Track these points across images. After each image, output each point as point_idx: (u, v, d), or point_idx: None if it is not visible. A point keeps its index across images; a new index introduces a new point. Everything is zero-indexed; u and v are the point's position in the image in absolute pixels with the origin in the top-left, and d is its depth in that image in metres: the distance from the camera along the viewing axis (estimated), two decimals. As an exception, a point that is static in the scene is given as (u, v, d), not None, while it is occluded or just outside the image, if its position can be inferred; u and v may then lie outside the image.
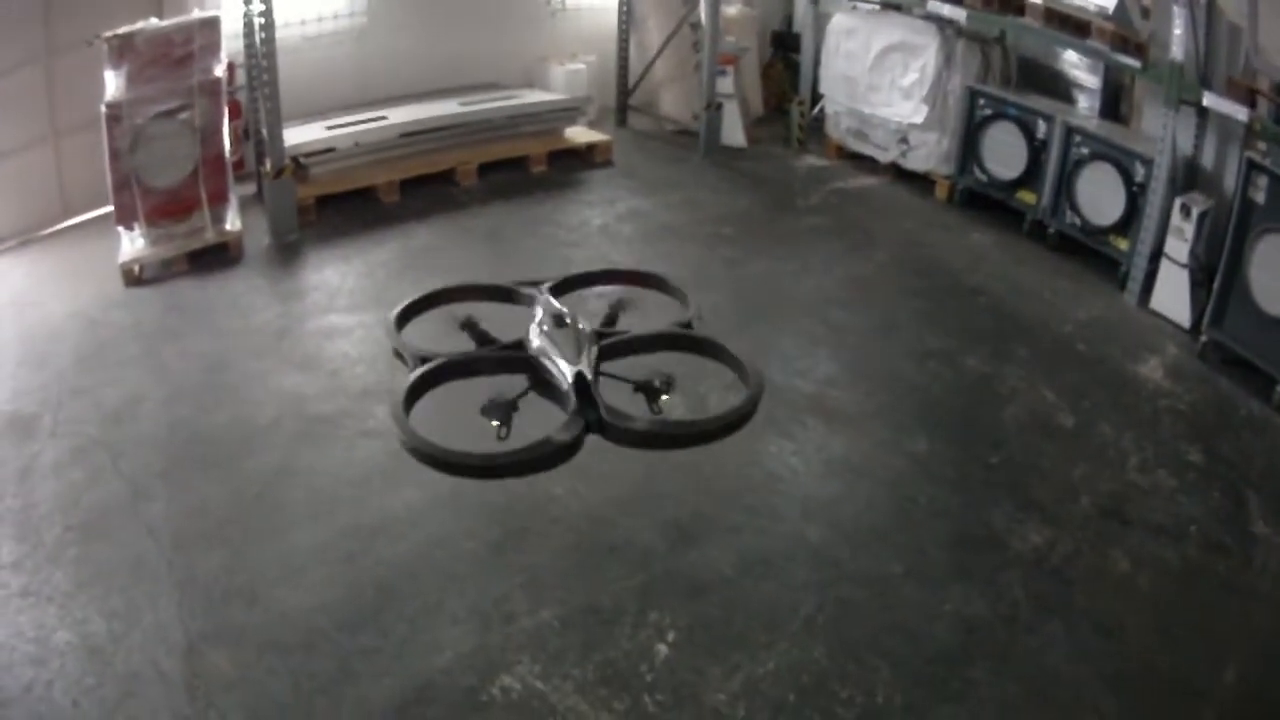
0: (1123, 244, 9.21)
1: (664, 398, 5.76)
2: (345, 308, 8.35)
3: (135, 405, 7.01)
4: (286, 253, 9.38)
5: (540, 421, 5.47)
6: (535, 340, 5.76)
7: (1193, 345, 8.20)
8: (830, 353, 7.98)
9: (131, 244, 8.87)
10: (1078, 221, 9.65)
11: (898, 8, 11.22)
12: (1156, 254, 8.76)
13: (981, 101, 10.46)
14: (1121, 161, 9.12)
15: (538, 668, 5.01)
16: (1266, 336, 7.63)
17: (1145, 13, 9.10)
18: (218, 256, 9.11)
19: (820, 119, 12.55)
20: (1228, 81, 8.29)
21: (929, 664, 5.13)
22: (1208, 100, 8.31)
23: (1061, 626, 5.39)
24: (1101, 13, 9.23)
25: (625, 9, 12.78)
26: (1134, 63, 8.95)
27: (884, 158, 11.67)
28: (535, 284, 6.44)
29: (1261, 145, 8.00)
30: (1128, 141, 9.30)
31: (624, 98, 13.15)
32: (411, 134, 10.69)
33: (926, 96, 10.71)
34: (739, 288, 9.00)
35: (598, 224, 10.25)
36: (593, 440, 5.45)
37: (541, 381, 5.64)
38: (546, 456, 5.22)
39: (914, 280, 9.29)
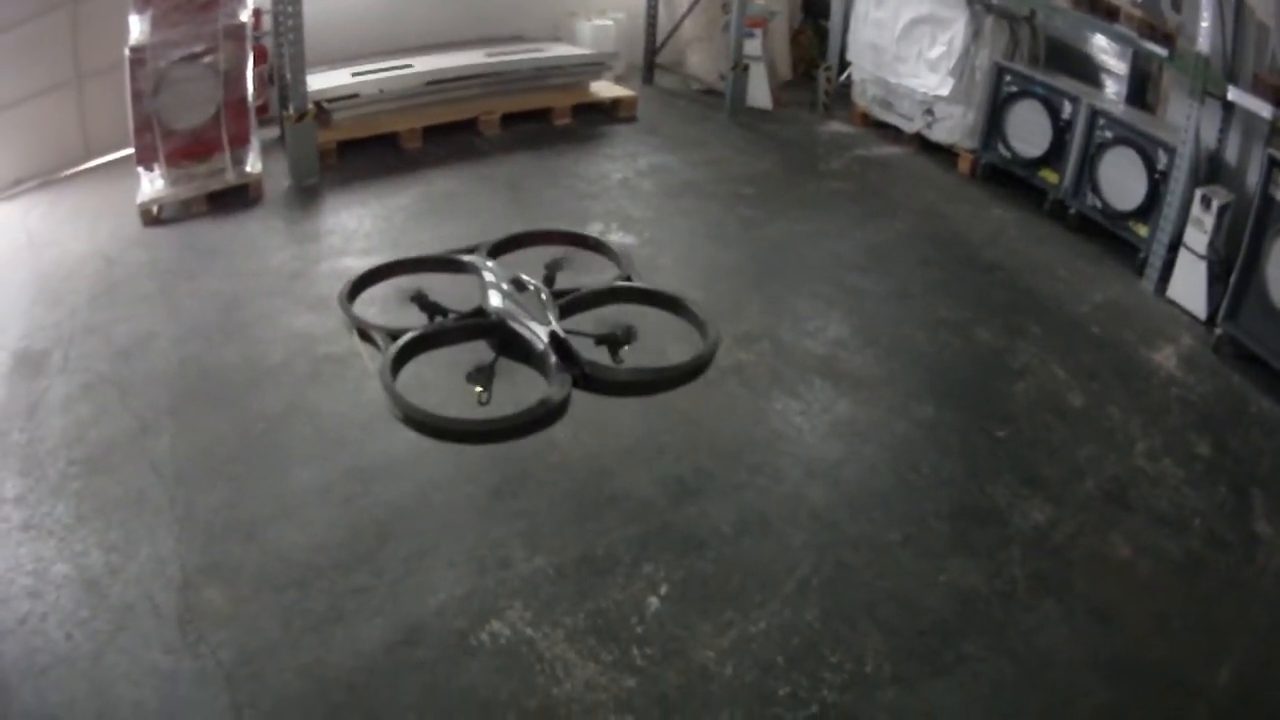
0: (1142, 230, 9.11)
1: (625, 348, 5.87)
2: (360, 250, 8.34)
3: (146, 343, 7.05)
4: (306, 196, 9.38)
5: (510, 382, 5.64)
6: (498, 305, 5.86)
7: (1207, 337, 8.10)
8: (843, 316, 7.95)
9: (151, 185, 8.90)
10: (1099, 204, 9.56)
11: (927, -21, 11.12)
12: (1175, 243, 8.65)
13: (1008, 78, 10.36)
14: (1145, 148, 9.01)
15: (529, 614, 5.05)
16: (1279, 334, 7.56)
17: (1176, 4, 9.02)
18: (237, 198, 9.13)
19: (847, 86, 12.48)
20: (1254, 78, 8.18)
21: (922, 635, 5.12)
22: (1232, 95, 8.20)
23: (1058, 608, 5.36)
24: (1132, -1, 9.17)
25: (656, -36, 12.69)
26: (1161, 50, 8.84)
27: (909, 128, 11.59)
28: (470, 250, 6.56)
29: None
30: (1152, 128, 9.18)
31: (651, 55, 13.06)
32: (436, 83, 10.65)
33: (953, 70, 10.62)
34: (756, 248, 8.97)
35: (618, 178, 10.23)
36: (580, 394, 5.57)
37: (508, 345, 5.75)
38: (546, 416, 5.32)
39: (932, 250, 9.23)
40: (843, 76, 12.55)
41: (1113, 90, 10.31)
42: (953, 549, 5.69)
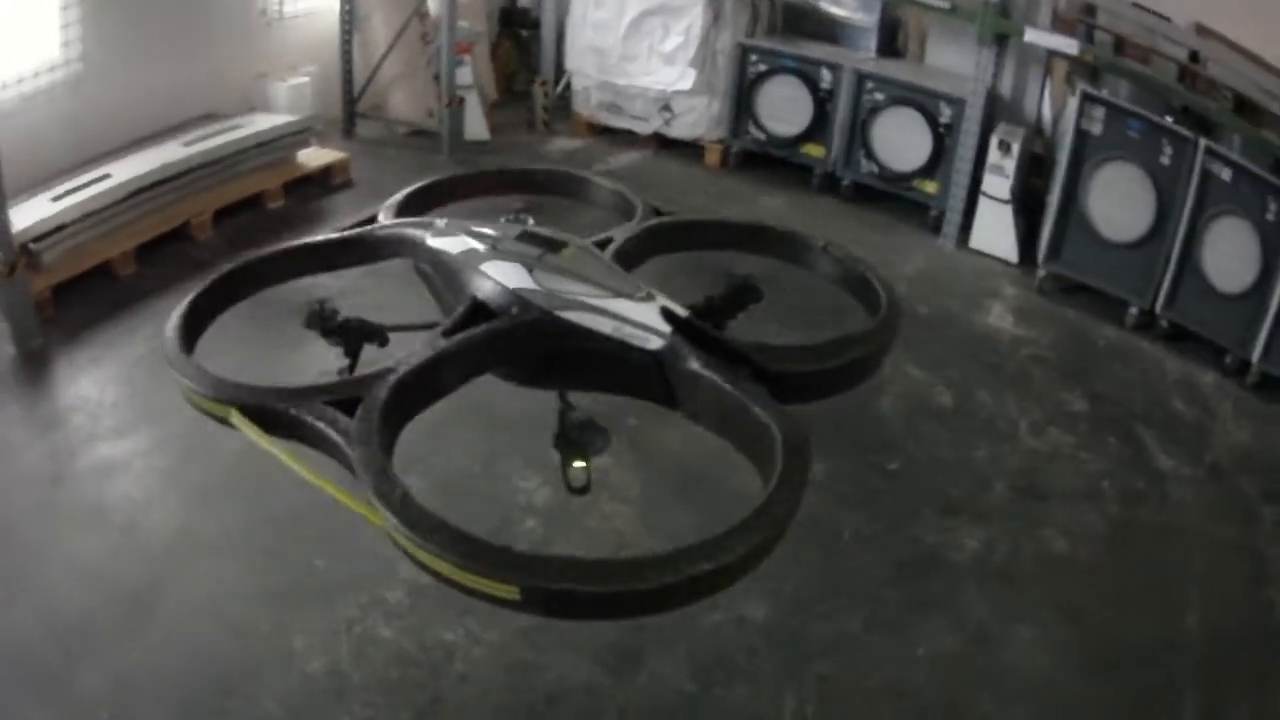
0: (930, 187, 9.01)
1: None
2: (112, 432, 6.76)
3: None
4: (32, 364, 7.68)
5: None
6: (523, 284, 3.55)
7: (1026, 280, 8.22)
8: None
9: None
10: (876, 169, 9.31)
11: (648, -32, 10.47)
12: (971, 193, 8.66)
13: (754, 57, 9.89)
14: (924, 104, 8.87)
15: None
16: (1111, 262, 7.74)
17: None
18: (-46, 377, 7.55)
19: (566, 97, 11.76)
20: (1054, 16, 8.35)
21: (930, 715, 4.75)
22: (1032, 36, 8.15)
23: (1032, 630, 5.14)
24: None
25: (348, 8, 11.53)
26: (943, 4, 8.73)
27: (644, 129, 10.96)
28: (369, 221, 4.47)
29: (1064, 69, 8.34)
30: (927, 81, 9.05)
31: (351, 106, 11.98)
32: (140, 190, 9.29)
33: (693, 60, 10.02)
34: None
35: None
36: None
37: (569, 361, 3.51)
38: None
39: (714, 259, 8.49)
40: (560, 88, 11.82)
41: (860, 45, 9.96)
42: (914, 615, 5.23)
